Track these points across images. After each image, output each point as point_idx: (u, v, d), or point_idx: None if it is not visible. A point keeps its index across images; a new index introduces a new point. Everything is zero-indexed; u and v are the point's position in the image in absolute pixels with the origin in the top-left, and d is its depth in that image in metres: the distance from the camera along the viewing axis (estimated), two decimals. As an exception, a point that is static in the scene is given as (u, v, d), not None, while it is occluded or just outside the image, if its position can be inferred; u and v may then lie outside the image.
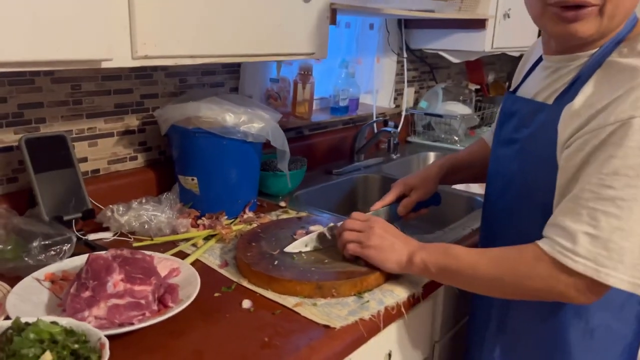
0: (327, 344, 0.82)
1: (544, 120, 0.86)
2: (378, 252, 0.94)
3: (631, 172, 0.72)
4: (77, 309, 0.78)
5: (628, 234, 0.72)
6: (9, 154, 1.09)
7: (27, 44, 0.73)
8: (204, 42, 0.97)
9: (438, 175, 1.18)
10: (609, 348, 0.91)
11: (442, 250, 0.90)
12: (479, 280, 0.86)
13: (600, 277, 0.73)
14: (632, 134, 0.72)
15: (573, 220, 0.75)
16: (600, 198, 0.74)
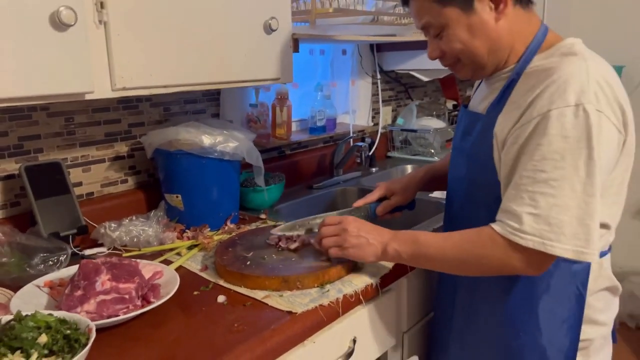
0: (289, 326, 0.94)
1: (480, 128, 1.01)
2: (356, 250, 1.05)
3: (556, 156, 0.85)
4: (70, 306, 0.91)
5: (564, 209, 0.85)
6: (11, 181, 1.23)
7: (22, 82, 0.87)
8: (175, 73, 1.11)
9: (418, 185, 1.30)
10: (554, 328, 1.00)
11: (412, 238, 1.01)
12: (445, 262, 0.98)
13: (547, 249, 0.85)
14: (552, 124, 0.85)
15: (517, 204, 0.88)
16: (535, 181, 0.86)
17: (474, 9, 0.94)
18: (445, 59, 1.02)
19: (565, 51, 0.93)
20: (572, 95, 0.85)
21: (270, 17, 1.26)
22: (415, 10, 1.00)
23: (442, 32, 0.97)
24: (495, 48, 0.97)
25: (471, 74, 1.03)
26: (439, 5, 0.95)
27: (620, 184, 0.96)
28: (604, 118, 0.86)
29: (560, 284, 0.99)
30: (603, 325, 1.05)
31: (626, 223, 2.78)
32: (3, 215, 1.23)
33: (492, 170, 0.97)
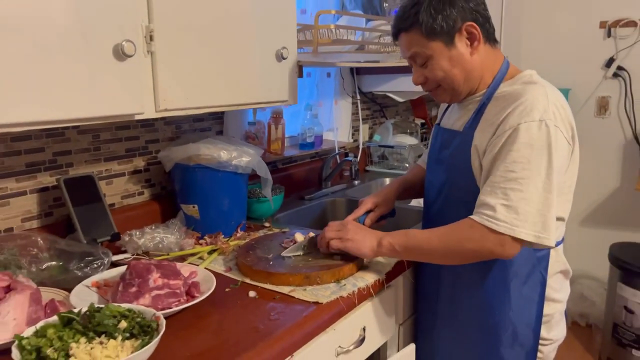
0: (318, 314, 1.10)
1: (458, 142, 1.22)
2: (354, 242, 1.23)
3: (524, 160, 1.06)
4: (126, 301, 1.03)
5: (529, 202, 1.05)
6: (46, 193, 1.34)
7: (88, 104, 1.01)
8: (205, 96, 1.26)
9: (395, 195, 1.49)
10: (522, 307, 1.22)
11: (403, 233, 1.20)
12: (433, 251, 1.16)
13: (515, 234, 1.05)
14: (521, 134, 1.07)
15: (492, 197, 1.08)
16: (507, 179, 1.07)
17: (454, 44, 1.16)
18: (427, 85, 1.23)
19: (527, 80, 1.17)
20: (537, 113, 1.08)
21: (282, 47, 1.43)
22: (405, 42, 1.20)
23: (427, 62, 1.18)
24: (469, 77, 1.19)
25: (449, 99, 1.24)
26: (426, 40, 1.15)
27: (570, 185, 1.20)
28: (559, 132, 1.09)
29: (527, 269, 1.20)
30: (559, 302, 1.27)
31: (574, 230, 3.12)
32: (38, 224, 1.32)
33: (470, 175, 1.18)
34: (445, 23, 1.13)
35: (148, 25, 1.10)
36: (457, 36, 1.15)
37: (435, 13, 1.13)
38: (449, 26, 1.14)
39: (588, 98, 3.06)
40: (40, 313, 0.98)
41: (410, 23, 1.16)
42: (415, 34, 1.16)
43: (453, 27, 1.14)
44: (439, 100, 1.28)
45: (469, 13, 1.15)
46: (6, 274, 1.03)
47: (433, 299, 1.34)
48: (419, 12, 1.14)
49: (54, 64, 0.95)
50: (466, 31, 1.15)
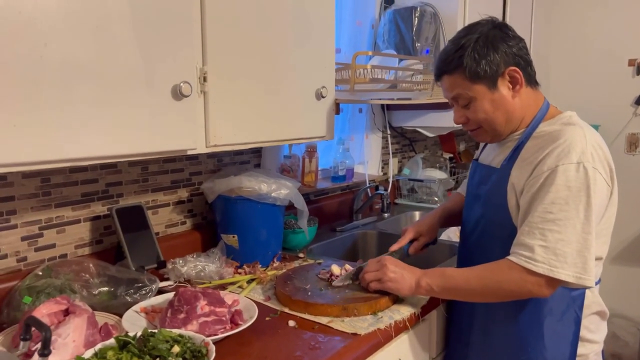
0: (356, 345, 1.13)
1: (495, 179, 1.25)
2: (394, 283, 1.26)
3: (562, 201, 1.09)
4: (174, 326, 1.09)
5: (567, 243, 1.08)
6: (97, 221, 1.41)
7: (148, 141, 1.09)
8: (251, 133, 1.34)
9: (438, 224, 1.53)
10: (556, 345, 1.22)
11: (440, 273, 1.23)
12: (470, 291, 1.19)
13: (554, 274, 1.08)
14: (559, 176, 1.10)
15: (530, 238, 1.10)
16: (545, 220, 1.10)
17: (497, 87, 1.20)
18: (469, 125, 1.27)
19: (566, 121, 1.20)
20: (575, 155, 1.10)
21: (321, 87, 1.51)
22: (448, 84, 1.25)
23: (470, 103, 1.22)
24: (510, 119, 1.23)
25: (489, 139, 1.29)
26: (470, 82, 1.20)
27: (608, 227, 1.21)
28: (597, 174, 1.11)
29: (562, 307, 1.21)
30: (595, 343, 1.27)
31: (605, 268, 3.06)
32: (89, 251, 1.40)
33: (506, 211, 1.20)
34: (488, 67, 1.18)
35: (202, 68, 1.19)
36: (499, 80, 1.19)
37: (479, 58, 1.18)
38: (492, 71, 1.18)
39: (618, 135, 3.06)
40: (97, 336, 1.04)
41: (455, 66, 1.20)
42: (459, 77, 1.20)
43: (496, 72, 1.18)
44: (480, 140, 1.32)
45: (512, 58, 1.19)
46: (65, 298, 1.10)
47: (465, 332, 1.36)
48: (463, 56, 1.18)
49: (119, 103, 1.03)
50: (509, 75, 1.19)
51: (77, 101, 0.97)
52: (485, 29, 1.21)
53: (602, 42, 3.06)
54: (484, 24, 1.23)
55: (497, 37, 1.20)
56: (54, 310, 1.06)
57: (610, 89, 3.05)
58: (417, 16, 2.11)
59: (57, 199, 1.32)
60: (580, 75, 3.13)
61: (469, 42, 1.19)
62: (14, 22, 0.87)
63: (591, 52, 3.09)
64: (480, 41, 1.19)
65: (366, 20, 2.29)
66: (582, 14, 3.10)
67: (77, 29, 0.95)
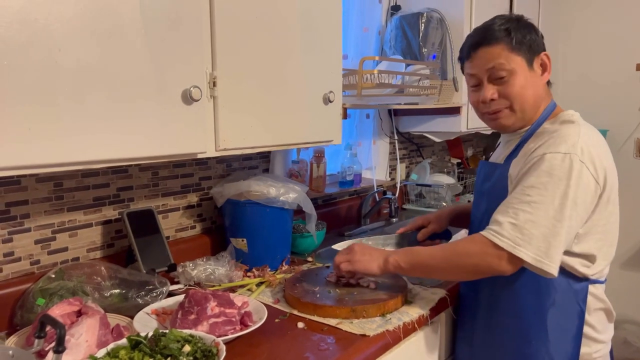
0: (365, 346, 1.13)
1: (499, 174, 1.28)
2: (362, 262, 1.29)
3: (541, 186, 1.12)
4: (185, 327, 1.10)
5: (535, 225, 1.10)
6: (108, 225, 1.44)
7: (158, 144, 1.10)
8: (260, 137, 1.35)
9: (449, 216, 1.54)
10: (559, 338, 1.22)
11: (407, 250, 1.27)
12: (435, 266, 1.21)
13: (515, 251, 1.10)
14: (543, 163, 1.13)
15: (502, 215, 1.14)
16: (521, 201, 1.13)
17: (532, 66, 1.24)
18: (496, 104, 1.24)
19: (566, 119, 1.22)
20: (564, 146, 1.13)
21: (329, 91, 1.53)
22: (485, 55, 1.23)
23: (507, 76, 1.22)
24: (535, 103, 1.25)
25: (512, 122, 1.26)
26: (511, 53, 1.21)
27: (604, 225, 1.20)
28: (584, 168, 1.13)
29: (564, 300, 1.21)
30: (602, 343, 1.27)
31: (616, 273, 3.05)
32: (101, 254, 1.42)
33: None
34: (531, 44, 1.22)
35: (212, 73, 1.21)
36: (535, 60, 1.23)
37: (524, 31, 1.22)
38: (533, 48, 1.23)
39: (626, 139, 3.05)
40: (109, 337, 1.05)
41: (499, 36, 1.21)
42: (501, 47, 1.21)
43: (535, 50, 1.23)
44: (500, 125, 1.28)
45: (543, 45, 1.25)
46: (77, 299, 1.12)
47: (469, 330, 1.36)
48: (509, 29, 1.22)
49: (130, 107, 1.05)
50: (542, 59, 1.24)
51: (90, 105, 0.99)
52: (521, 17, 1.27)
53: (610, 46, 3.05)
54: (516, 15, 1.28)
55: (532, 24, 1.26)
56: (67, 311, 1.08)
57: (618, 93, 3.04)
58: (423, 22, 2.13)
59: (70, 203, 1.35)
60: (588, 80, 3.12)
61: (511, 20, 1.24)
62: (30, 29, 0.89)
63: (599, 57, 3.09)
64: (522, 21, 1.25)
65: (373, 26, 2.31)
66: (589, 19, 3.10)
67: (90, 35, 0.97)
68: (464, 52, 1.30)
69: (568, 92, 3.13)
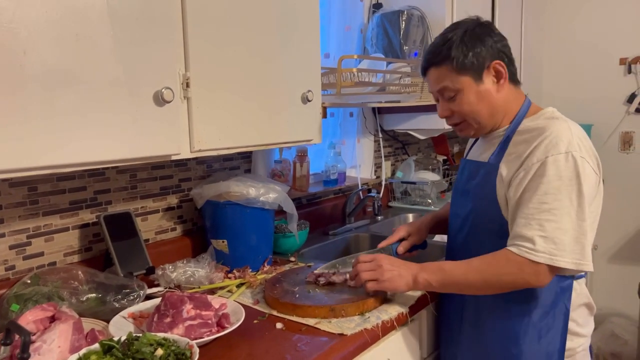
0: (343, 345, 1.13)
1: (484, 173, 1.27)
2: (391, 282, 1.24)
3: (554, 190, 1.12)
4: (161, 330, 1.09)
5: (564, 231, 1.10)
6: (86, 229, 1.42)
7: (129, 147, 1.09)
8: (237, 137, 1.35)
9: (428, 227, 1.54)
10: (545, 336, 1.23)
11: (438, 268, 1.23)
12: (470, 285, 1.20)
13: (554, 262, 1.10)
14: (549, 167, 1.13)
15: (528, 229, 1.12)
16: (541, 211, 1.12)
17: (482, 80, 1.23)
18: (452, 119, 1.29)
19: (549, 116, 1.23)
20: (563, 146, 1.13)
21: (307, 90, 1.52)
22: (434, 76, 1.26)
23: (456, 95, 1.24)
24: (494, 113, 1.25)
25: (473, 133, 1.30)
26: (456, 74, 1.22)
27: (596, 215, 1.23)
28: (585, 163, 1.14)
29: (551, 300, 1.22)
30: (583, 337, 1.28)
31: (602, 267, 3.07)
32: (79, 258, 1.41)
33: (495, 204, 1.22)
34: (475, 59, 1.21)
35: (185, 73, 1.20)
36: (485, 73, 1.22)
37: (466, 49, 1.21)
38: (479, 63, 1.21)
39: (611, 134, 3.07)
40: (82, 342, 1.04)
41: (442, 58, 1.22)
42: (446, 69, 1.22)
43: (482, 64, 1.22)
44: (463, 135, 1.33)
45: (497, 52, 1.23)
46: (51, 305, 1.11)
47: (456, 330, 1.36)
48: (451, 48, 1.21)
49: (102, 110, 1.04)
50: (494, 69, 1.23)
51: (59, 108, 0.98)
52: (471, 25, 1.24)
53: (593, 41, 3.07)
54: (469, 21, 1.26)
55: (483, 32, 1.24)
56: (39, 317, 1.07)
57: (602, 88, 3.07)
58: (404, 20, 2.13)
59: (45, 207, 1.33)
60: (572, 75, 3.14)
61: (456, 35, 1.22)
62: (-8, 32, 0.88)
63: (582, 52, 3.11)
64: (467, 34, 1.22)
65: (355, 25, 2.30)
66: (573, 14, 3.12)
67: (57, 37, 0.96)
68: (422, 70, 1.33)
69: (553, 88, 3.15)
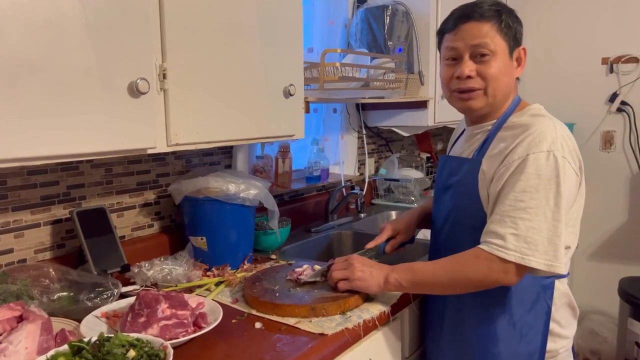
0: (323, 345, 1.10)
1: (467, 168, 1.25)
2: (362, 282, 1.24)
3: (532, 189, 1.09)
4: (135, 331, 1.05)
5: (538, 231, 1.08)
6: (59, 225, 1.37)
7: (103, 139, 1.05)
8: (215, 131, 1.31)
9: (416, 222, 1.52)
10: (526, 335, 1.22)
11: (408, 268, 1.22)
12: (439, 284, 1.18)
13: (525, 262, 1.08)
14: (529, 164, 1.10)
15: (501, 226, 1.10)
16: (516, 209, 1.09)
17: (511, 56, 1.21)
18: (472, 82, 1.20)
19: (535, 113, 1.21)
20: (545, 144, 1.11)
21: (289, 84, 1.49)
22: (473, 30, 1.18)
23: (490, 57, 1.18)
24: (506, 93, 1.23)
25: (481, 106, 1.22)
26: (499, 36, 1.18)
27: (576, 217, 1.22)
28: (567, 163, 1.12)
29: (532, 298, 1.21)
30: (566, 338, 1.27)
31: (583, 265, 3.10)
32: (51, 255, 1.35)
33: (477, 200, 1.20)
34: (516, 32, 1.22)
35: (162, 64, 1.16)
36: (515, 51, 1.22)
37: (514, 20, 1.22)
38: (517, 38, 1.22)
39: (593, 132, 3.09)
40: (51, 342, 1.00)
41: (492, 14, 1.18)
42: (490, 26, 1.18)
43: (518, 41, 1.23)
44: (467, 106, 1.24)
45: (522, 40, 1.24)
46: (19, 304, 1.06)
47: (437, 329, 1.35)
48: (501, 11, 1.19)
49: (72, 100, 1.00)
50: (520, 53, 1.23)
51: (27, 98, 0.93)
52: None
53: (576, 40, 3.08)
54: None
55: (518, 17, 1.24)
56: (7, 316, 1.02)
57: (585, 87, 3.08)
58: (388, 15, 2.11)
59: (15, 202, 1.28)
60: (555, 74, 3.15)
61: (505, 4, 1.22)
62: (-47, 16, 0.83)
63: (565, 51, 3.12)
64: (511, 9, 1.23)
65: (339, 19, 2.27)
66: (555, 13, 3.13)
67: (24, 24, 0.91)
68: (448, 24, 1.23)
69: (535, 86, 3.15)
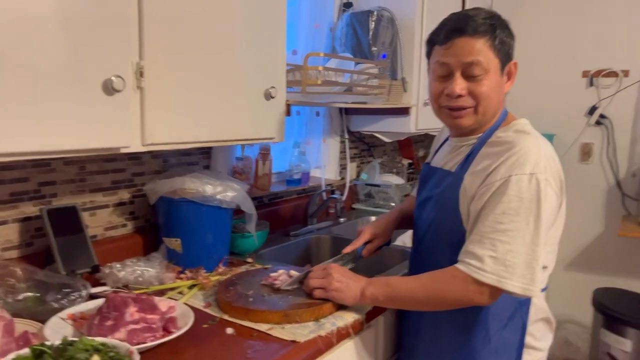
0: (295, 353, 1.09)
1: (450, 182, 1.23)
2: (338, 293, 1.23)
3: (513, 212, 1.08)
4: (101, 334, 1.02)
5: (516, 254, 1.07)
6: (28, 223, 1.33)
7: (76, 137, 1.02)
8: (193, 132, 1.28)
9: (393, 225, 1.50)
10: (502, 351, 1.22)
11: (385, 282, 1.21)
12: (415, 301, 1.17)
13: (502, 285, 1.07)
14: (511, 186, 1.09)
15: (479, 248, 1.09)
16: (495, 230, 1.08)
17: (502, 72, 1.18)
18: (464, 100, 1.17)
19: (520, 129, 1.19)
20: (529, 166, 1.09)
21: (270, 87, 1.47)
22: (467, 46, 1.13)
23: (482, 75, 1.14)
24: (495, 109, 1.21)
25: (470, 124, 1.20)
26: (491, 53, 1.14)
27: (556, 237, 1.21)
28: (549, 186, 1.11)
29: (508, 313, 1.21)
30: (540, 350, 1.27)
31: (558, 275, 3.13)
32: (18, 254, 1.31)
33: (457, 215, 1.19)
34: (509, 48, 1.18)
35: (139, 62, 1.13)
36: (506, 67, 1.18)
37: (507, 35, 1.17)
38: (509, 54, 1.18)
39: (572, 144, 3.13)
40: (12, 345, 0.97)
41: (486, 29, 1.13)
42: (485, 43, 1.13)
43: (510, 57, 1.19)
44: (456, 124, 1.22)
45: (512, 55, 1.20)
46: (-19, 304, 1.02)
47: (413, 341, 1.34)
48: (495, 25, 1.14)
49: (44, 96, 0.97)
50: (511, 67, 1.20)
51: (-5, 92, 0.90)
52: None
53: (557, 53, 3.12)
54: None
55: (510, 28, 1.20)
56: (-33, 317, 0.98)
57: (565, 99, 3.12)
58: (373, 20, 2.10)
59: (-19, 199, 1.24)
60: (536, 86, 3.18)
61: (496, 15, 1.17)
62: None
63: (546, 63, 3.15)
64: (503, 21, 1.18)
65: (324, 23, 2.26)
66: (538, 26, 3.16)
67: (-6, 14, 0.88)
68: (440, 35, 1.17)
69: (516, 97, 3.18)
